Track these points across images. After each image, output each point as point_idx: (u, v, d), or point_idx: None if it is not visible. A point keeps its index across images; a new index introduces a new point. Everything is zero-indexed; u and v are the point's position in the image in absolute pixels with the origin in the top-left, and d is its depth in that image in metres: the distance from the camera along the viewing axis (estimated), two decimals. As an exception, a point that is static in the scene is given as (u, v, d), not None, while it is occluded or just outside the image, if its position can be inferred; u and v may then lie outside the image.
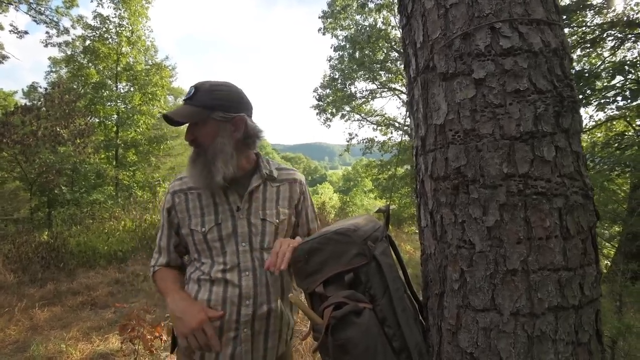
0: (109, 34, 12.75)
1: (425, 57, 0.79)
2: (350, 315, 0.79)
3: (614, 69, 4.84)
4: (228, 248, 1.10)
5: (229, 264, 1.09)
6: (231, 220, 1.11)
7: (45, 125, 8.46)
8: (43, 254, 5.52)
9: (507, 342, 0.65)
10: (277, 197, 1.19)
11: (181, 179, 1.18)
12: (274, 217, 1.16)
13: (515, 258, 0.65)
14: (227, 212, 1.11)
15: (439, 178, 0.75)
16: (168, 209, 1.16)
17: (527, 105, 0.67)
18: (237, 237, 1.10)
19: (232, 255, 1.09)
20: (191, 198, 1.14)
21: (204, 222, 1.10)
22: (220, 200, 1.12)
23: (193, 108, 1.07)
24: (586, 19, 5.98)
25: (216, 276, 1.09)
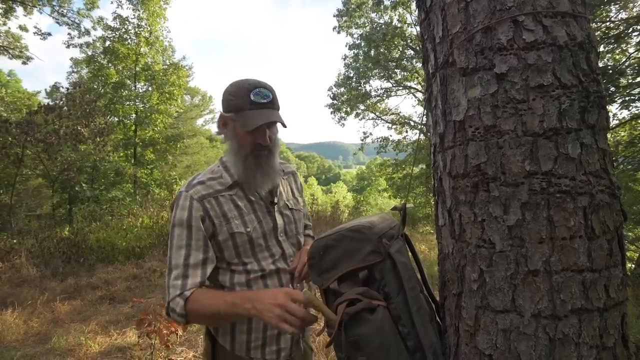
0: (128, 35, 13.06)
1: (445, 52, 0.77)
2: (364, 312, 0.79)
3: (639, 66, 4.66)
4: (270, 242, 1.15)
5: (276, 255, 1.15)
6: (269, 215, 1.16)
7: (67, 124, 8.73)
8: (64, 249, 5.70)
9: (527, 344, 0.63)
10: (290, 187, 1.30)
11: (202, 182, 1.11)
12: (298, 205, 1.28)
13: (537, 258, 0.63)
14: (263, 208, 1.16)
15: (458, 176, 0.73)
16: (201, 218, 1.05)
17: (551, 100, 0.65)
18: (276, 230, 1.16)
19: (275, 247, 1.16)
20: (224, 201, 1.10)
21: (246, 222, 1.10)
22: (255, 198, 1.15)
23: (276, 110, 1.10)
24: (610, 13, 5.78)
25: (269, 268, 1.12)
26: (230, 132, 1.12)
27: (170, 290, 1.01)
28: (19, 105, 11.77)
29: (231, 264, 1.10)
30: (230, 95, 1.08)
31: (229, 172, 1.14)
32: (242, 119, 1.06)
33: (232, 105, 1.07)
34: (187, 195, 1.07)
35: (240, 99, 1.06)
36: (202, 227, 1.05)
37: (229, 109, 1.08)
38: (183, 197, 1.07)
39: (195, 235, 1.04)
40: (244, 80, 1.09)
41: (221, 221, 1.08)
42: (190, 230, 1.04)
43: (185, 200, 1.06)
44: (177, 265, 1.02)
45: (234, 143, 1.11)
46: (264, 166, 1.11)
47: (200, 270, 1.03)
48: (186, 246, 1.03)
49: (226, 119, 1.11)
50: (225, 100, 1.10)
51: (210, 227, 1.07)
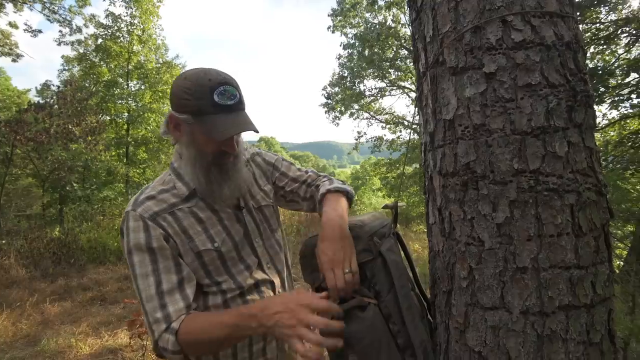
0: (120, 33, 12.91)
1: (435, 51, 0.78)
2: (355, 310, 0.79)
3: (629, 66, 4.74)
4: (244, 251, 1.00)
5: (253, 266, 1.01)
6: (238, 222, 1.01)
7: (57, 123, 8.60)
8: (54, 250, 5.62)
9: (516, 341, 0.64)
10: (254, 179, 1.11)
11: (152, 197, 0.92)
12: (265, 199, 1.10)
13: (526, 255, 0.64)
14: (231, 215, 1.00)
15: (448, 174, 0.74)
16: (165, 238, 0.88)
17: (539, 99, 0.66)
18: (249, 236, 1.02)
19: (250, 256, 1.01)
20: (182, 216, 0.93)
21: (212, 237, 0.95)
22: (219, 206, 0.98)
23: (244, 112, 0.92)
24: (600, 15, 5.87)
25: (248, 283, 0.97)
26: (186, 137, 0.91)
27: (154, 328, 0.84)
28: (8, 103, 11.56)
29: (202, 285, 0.94)
30: (186, 94, 0.86)
31: (183, 180, 0.96)
32: (204, 125, 0.86)
33: (189, 107, 0.86)
34: (135, 215, 0.88)
35: (201, 99, 0.85)
36: (166, 246, 0.88)
37: (184, 109, 0.87)
38: (132, 218, 0.88)
39: (160, 257, 0.87)
40: (202, 73, 0.87)
41: (182, 240, 0.91)
42: (153, 253, 0.87)
43: (137, 221, 0.88)
44: (150, 297, 0.84)
45: (192, 151, 0.92)
46: (232, 176, 0.96)
47: (179, 294, 0.86)
48: (153, 272, 0.86)
49: (179, 120, 0.90)
50: (178, 99, 0.88)
51: (174, 247, 0.90)
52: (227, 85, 0.87)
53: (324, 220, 0.92)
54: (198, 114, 0.87)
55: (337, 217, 0.92)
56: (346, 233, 0.87)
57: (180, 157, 0.97)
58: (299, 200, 1.15)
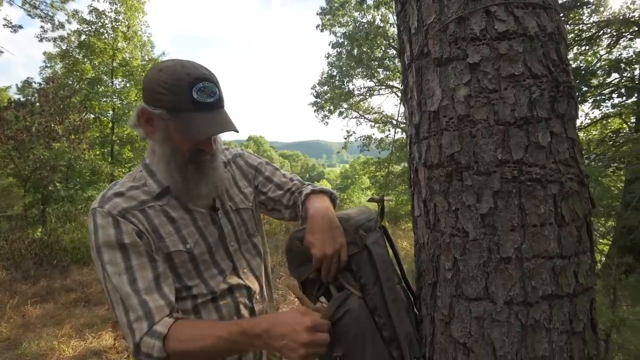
0: (104, 29, 12.65)
1: (420, 42, 0.77)
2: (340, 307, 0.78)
3: (610, 67, 4.87)
4: (218, 255, 0.95)
5: (227, 270, 0.96)
6: (213, 224, 0.96)
7: (39, 121, 8.39)
8: (36, 251, 5.48)
9: (500, 331, 0.64)
10: (234, 180, 1.07)
11: (121, 194, 0.87)
12: (244, 202, 1.05)
13: (509, 246, 0.64)
14: (206, 216, 0.95)
15: (433, 166, 0.73)
16: (137, 234, 0.83)
17: (522, 90, 0.66)
18: (224, 239, 0.97)
19: (225, 261, 0.96)
20: (153, 214, 0.87)
21: (185, 237, 0.90)
22: (193, 206, 0.93)
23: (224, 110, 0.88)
24: (583, 17, 6.00)
25: (220, 288, 0.93)
26: (160, 133, 0.86)
27: (135, 327, 0.77)
28: (-13, 101, 11.19)
29: None
30: (162, 87, 0.81)
31: (154, 177, 0.91)
32: (181, 123, 0.82)
33: (165, 102, 0.81)
34: (102, 211, 0.83)
35: (178, 95, 0.80)
36: (139, 242, 0.83)
37: (160, 104, 0.82)
38: (99, 215, 0.83)
39: (133, 254, 0.82)
40: (179, 66, 0.82)
41: (153, 239, 0.86)
42: (125, 249, 0.81)
43: (104, 218, 0.82)
44: (127, 295, 0.78)
45: (166, 148, 0.87)
46: (209, 174, 0.91)
47: (157, 292, 0.81)
48: (126, 270, 0.80)
49: (152, 115, 0.85)
50: (152, 92, 0.83)
51: (147, 243, 0.85)
52: (207, 82, 0.83)
53: (311, 212, 0.90)
54: (174, 110, 0.82)
55: (324, 209, 0.91)
56: (336, 223, 0.86)
57: (153, 153, 0.92)
58: (282, 209, 1.10)
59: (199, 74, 0.82)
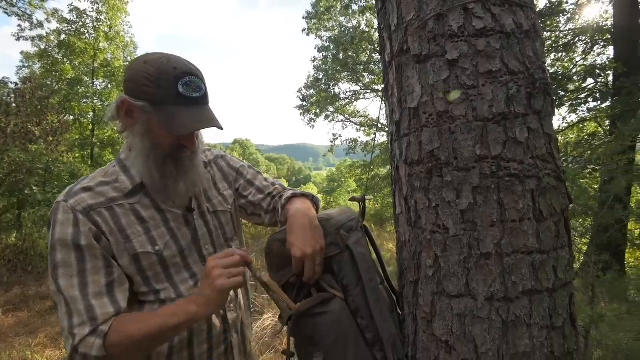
0: (85, 29, 12.33)
1: (400, 40, 0.77)
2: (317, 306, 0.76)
3: (586, 72, 5.04)
4: (191, 258, 0.91)
5: (199, 274, 0.91)
6: (187, 225, 0.92)
7: (15, 122, 8.09)
8: (10, 257, 5.26)
9: (481, 327, 0.64)
10: (213, 182, 1.04)
11: (89, 189, 0.83)
12: (223, 204, 1.02)
13: (489, 241, 0.64)
14: (179, 217, 0.91)
15: (413, 162, 0.73)
16: (94, 234, 0.79)
17: (499, 86, 0.66)
18: (198, 242, 0.93)
19: (197, 264, 0.92)
20: (121, 213, 0.83)
21: (154, 239, 0.86)
22: (167, 205, 0.89)
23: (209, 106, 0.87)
24: (560, 24, 6.21)
25: (190, 294, 0.88)
26: (140, 126, 0.83)
27: (75, 332, 0.73)
28: (-41, 101, 10.71)
29: (138, 293, 0.85)
30: (147, 80, 0.79)
31: (128, 173, 0.88)
32: (165, 116, 0.80)
33: (149, 94, 0.79)
34: (66, 206, 0.79)
35: (164, 88, 0.79)
36: (96, 245, 0.79)
37: (142, 96, 0.80)
38: (61, 209, 0.79)
39: (88, 256, 0.78)
40: (165, 59, 0.81)
41: (118, 240, 0.82)
42: (81, 251, 0.78)
43: (66, 214, 0.79)
44: (73, 299, 0.75)
45: (146, 141, 0.84)
46: (189, 171, 0.88)
47: (108, 298, 0.77)
48: (78, 273, 0.77)
49: (134, 107, 0.82)
50: (135, 84, 0.81)
51: (107, 247, 0.81)
52: (193, 76, 0.81)
53: (291, 213, 0.88)
54: (158, 103, 0.80)
55: (305, 209, 0.89)
56: (316, 223, 0.84)
57: (130, 149, 0.89)
58: (261, 213, 1.08)
59: (186, 68, 0.81)
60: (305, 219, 0.84)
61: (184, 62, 0.83)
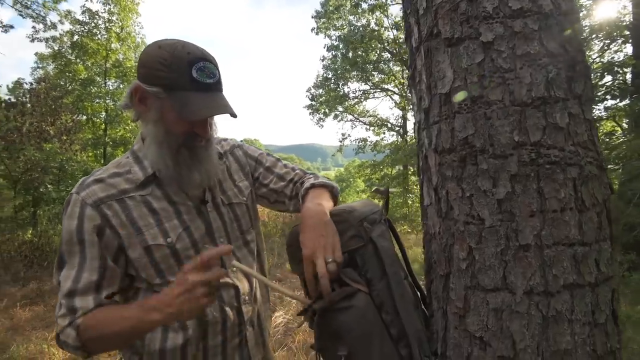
0: (97, 30, 12.53)
1: (429, 23, 0.74)
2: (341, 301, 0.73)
3: (603, 69, 4.91)
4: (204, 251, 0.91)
5: None
6: (200, 217, 0.90)
7: (30, 121, 8.25)
8: (26, 253, 5.36)
9: (520, 323, 0.60)
10: (229, 173, 1.02)
11: (101, 180, 0.83)
12: (238, 196, 1.00)
13: (528, 232, 0.60)
14: (192, 209, 0.89)
15: (445, 151, 0.70)
16: (97, 229, 0.80)
17: (538, 69, 0.63)
18: (212, 234, 0.91)
19: None
20: (133, 205, 0.83)
21: (166, 231, 0.85)
22: (180, 197, 0.88)
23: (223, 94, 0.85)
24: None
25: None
26: (154, 112, 0.82)
27: (59, 321, 0.79)
28: (-24, 101, 10.99)
29: (153, 285, 0.84)
30: (161, 64, 0.78)
31: (141, 164, 0.87)
32: (178, 102, 0.78)
33: (162, 79, 0.78)
34: (77, 199, 0.80)
35: (177, 72, 0.77)
36: (97, 242, 0.80)
37: (156, 82, 0.79)
38: (72, 201, 0.81)
39: (89, 253, 0.80)
40: (179, 45, 0.80)
41: (129, 232, 0.81)
42: (82, 245, 0.80)
43: (75, 206, 0.80)
44: (62, 293, 0.79)
45: (159, 128, 0.83)
46: (203, 161, 0.87)
47: (93, 295, 0.79)
48: (78, 266, 0.79)
49: (147, 93, 0.81)
50: (149, 68, 0.80)
51: (114, 240, 0.81)
52: (207, 62, 0.80)
53: (303, 211, 0.85)
54: (171, 89, 0.79)
55: (315, 205, 0.84)
56: (326, 219, 0.79)
57: (143, 140, 0.88)
58: (285, 200, 1.05)
59: (200, 54, 0.80)
60: (314, 218, 0.79)
61: (198, 48, 0.82)
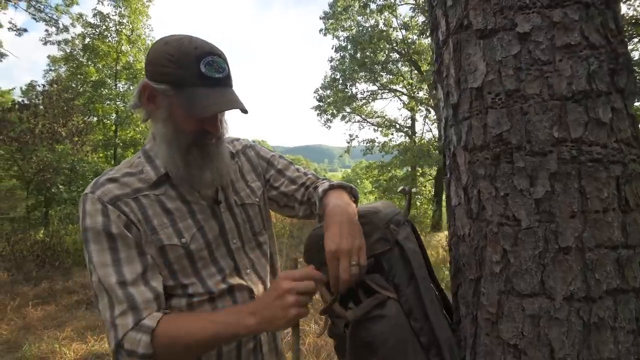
0: (108, 32, 12.71)
1: (459, 15, 0.71)
2: (375, 309, 0.70)
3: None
4: (218, 252, 0.88)
5: (227, 269, 0.88)
6: (214, 217, 0.88)
7: (43, 123, 8.37)
8: (38, 252, 5.43)
9: (559, 330, 0.57)
10: (241, 173, 0.99)
11: (114, 180, 0.81)
12: (251, 197, 0.98)
13: (569, 234, 0.57)
14: (206, 209, 0.87)
15: (476, 148, 0.66)
16: (125, 223, 0.77)
17: (579, 61, 0.59)
18: (225, 235, 0.89)
19: (225, 258, 0.89)
20: (147, 204, 0.81)
21: (180, 231, 0.82)
22: (193, 197, 0.86)
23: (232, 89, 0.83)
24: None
25: (219, 288, 0.85)
26: (163, 111, 0.80)
27: (118, 322, 0.72)
28: (-9, 103, 11.22)
29: (166, 287, 0.81)
30: (168, 61, 0.76)
31: (153, 164, 0.85)
32: (186, 98, 0.76)
33: (170, 75, 0.76)
34: (93, 198, 0.78)
35: (185, 68, 0.75)
36: (128, 233, 0.77)
37: (164, 79, 0.77)
38: (89, 201, 0.78)
39: (121, 245, 0.76)
40: (186, 40, 0.77)
41: (145, 230, 0.79)
42: (113, 239, 0.76)
43: (94, 204, 0.77)
44: (111, 289, 0.73)
45: (169, 127, 0.81)
46: (214, 159, 0.85)
47: (144, 285, 0.76)
48: (113, 262, 0.75)
49: (155, 91, 0.79)
50: (156, 65, 0.77)
51: (138, 236, 0.79)
52: (215, 56, 0.78)
53: (329, 208, 0.82)
54: (179, 85, 0.76)
55: (344, 204, 0.82)
56: (355, 219, 0.77)
57: (154, 138, 0.86)
58: (295, 205, 1.02)
59: (208, 48, 0.78)
60: (343, 215, 0.77)
61: (206, 42, 0.79)
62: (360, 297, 0.75)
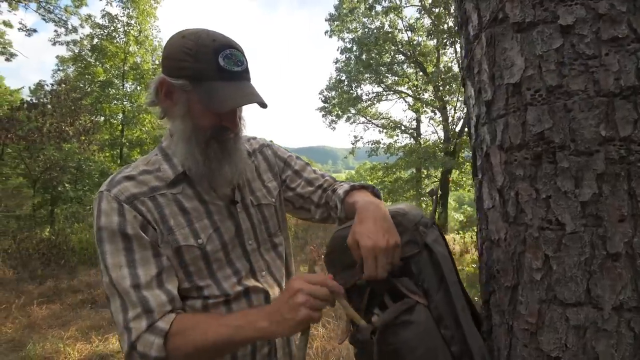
0: (116, 33, 12.81)
1: (493, 7, 0.67)
2: (403, 315, 0.66)
3: None
4: (233, 254, 0.85)
5: (242, 271, 0.86)
6: (230, 218, 0.86)
7: (50, 122, 8.41)
8: (44, 251, 5.43)
9: (607, 342, 0.53)
10: (257, 172, 0.97)
11: (131, 177, 0.79)
12: (267, 197, 0.95)
13: (619, 239, 0.53)
14: (223, 209, 0.85)
15: (513, 147, 0.63)
16: (141, 223, 0.75)
17: (627, 55, 0.56)
18: (241, 236, 0.87)
19: (241, 260, 0.86)
20: (164, 203, 0.79)
21: (197, 231, 0.80)
22: (210, 197, 0.84)
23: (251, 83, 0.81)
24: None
25: (235, 290, 0.83)
26: (180, 107, 0.78)
27: (132, 325, 0.70)
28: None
29: (181, 289, 0.79)
30: (186, 54, 0.73)
31: (170, 162, 0.83)
32: (204, 93, 0.74)
33: (187, 70, 0.74)
34: (109, 196, 0.75)
35: (203, 62, 0.73)
36: (143, 234, 0.75)
37: (182, 73, 0.75)
38: (105, 199, 0.75)
39: (136, 246, 0.74)
40: (204, 33, 0.75)
41: (162, 230, 0.77)
42: (128, 240, 0.74)
43: (110, 203, 0.75)
44: (125, 291, 0.71)
45: (188, 123, 0.79)
46: (232, 154, 0.82)
47: (159, 288, 0.73)
48: (128, 264, 0.73)
49: (173, 87, 0.77)
50: (173, 60, 0.75)
51: (155, 236, 0.77)
52: (234, 49, 0.76)
53: (360, 204, 0.78)
54: (197, 79, 0.74)
55: (376, 201, 0.79)
56: (389, 217, 0.74)
57: (171, 136, 0.84)
58: (311, 207, 1.00)
59: (226, 41, 0.76)
60: (378, 211, 0.74)
61: (224, 35, 0.78)
62: (386, 302, 0.71)
